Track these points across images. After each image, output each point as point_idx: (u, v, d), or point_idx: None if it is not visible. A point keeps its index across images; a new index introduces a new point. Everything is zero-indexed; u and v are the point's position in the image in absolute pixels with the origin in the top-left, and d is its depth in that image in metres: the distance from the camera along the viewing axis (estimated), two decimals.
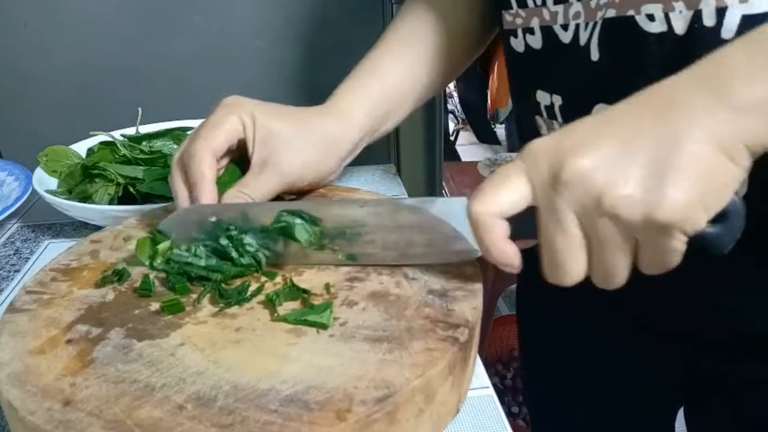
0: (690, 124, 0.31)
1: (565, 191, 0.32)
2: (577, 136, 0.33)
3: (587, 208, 0.32)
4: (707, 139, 0.31)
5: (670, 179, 0.30)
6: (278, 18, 0.98)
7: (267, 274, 0.44)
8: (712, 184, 0.31)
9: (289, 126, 0.52)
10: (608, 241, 0.33)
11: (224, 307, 0.40)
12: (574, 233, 0.33)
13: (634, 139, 0.32)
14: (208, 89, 1.00)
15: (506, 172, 0.35)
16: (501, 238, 0.36)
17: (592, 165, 0.32)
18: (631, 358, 0.61)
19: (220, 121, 0.50)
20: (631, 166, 0.31)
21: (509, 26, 0.52)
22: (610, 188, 0.31)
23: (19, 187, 0.72)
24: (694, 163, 0.30)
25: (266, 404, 0.31)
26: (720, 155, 0.31)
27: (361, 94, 0.57)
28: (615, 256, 0.33)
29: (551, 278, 0.35)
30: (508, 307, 2.06)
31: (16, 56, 0.95)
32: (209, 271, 0.42)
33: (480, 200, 0.35)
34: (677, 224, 0.31)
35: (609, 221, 0.32)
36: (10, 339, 0.38)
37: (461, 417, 0.40)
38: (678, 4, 0.38)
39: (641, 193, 0.31)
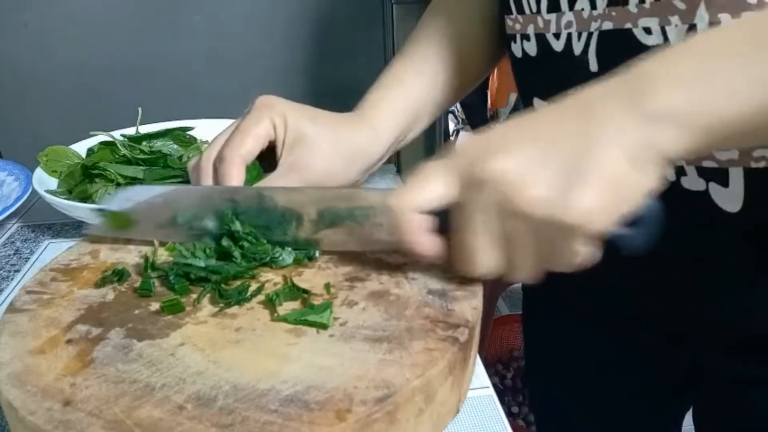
0: (602, 132, 0.32)
1: (480, 190, 0.34)
2: (497, 138, 0.35)
3: (498, 207, 0.33)
4: (616, 147, 0.32)
5: (579, 184, 0.32)
6: (278, 18, 0.98)
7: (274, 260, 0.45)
8: (619, 192, 0.32)
9: (320, 132, 0.51)
10: (517, 240, 0.34)
11: (224, 307, 0.40)
12: (484, 231, 0.35)
13: (550, 143, 0.33)
14: (208, 89, 1.00)
15: (429, 170, 0.37)
16: (416, 231, 0.37)
17: (506, 166, 0.33)
18: (633, 358, 0.61)
19: (252, 127, 0.50)
20: (543, 169, 0.32)
21: (510, 31, 0.53)
22: (521, 189, 0.32)
23: (19, 187, 0.72)
24: (601, 170, 0.32)
25: (266, 404, 0.31)
26: (628, 164, 0.32)
27: (390, 107, 0.57)
28: (523, 254, 0.35)
29: (460, 270, 0.38)
30: (508, 307, 2.06)
31: (16, 56, 0.95)
32: (209, 272, 0.42)
33: (399, 195, 0.37)
34: (580, 227, 0.32)
35: (518, 220, 0.33)
36: (10, 339, 0.38)
37: (461, 417, 0.40)
38: (674, 18, 0.39)
39: (550, 195, 0.32)
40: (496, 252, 0.36)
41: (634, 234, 0.34)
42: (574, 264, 0.34)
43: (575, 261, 0.34)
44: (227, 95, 0.99)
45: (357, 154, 0.54)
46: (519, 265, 0.36)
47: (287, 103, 0.52)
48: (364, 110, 0.56)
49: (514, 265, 0.36)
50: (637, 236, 0.34)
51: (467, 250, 0.36)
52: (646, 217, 0.34)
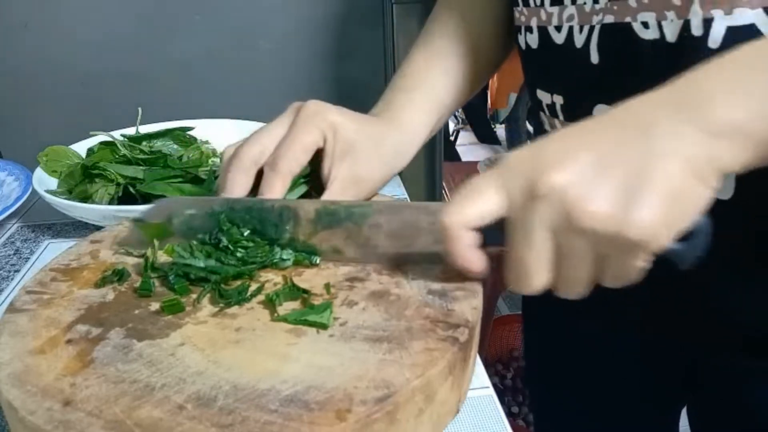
0: (665, 146, 0.32)
1: (539, 205, 0.33)
2: (554, 151, 0.34)
3: (558, 223, 0.33)
4: (679, 161, 0.31)
5: (642, 199, 0.31)
6: (279, 18, 0.98)
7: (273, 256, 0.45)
8: (680, 205, 0.32)
9: (367, 140, 0.51)
10: (575, 255, 0.34)
11: (224, 307, 0.40)
12: (542, 248, 0.34)
13: (610, 157, 0.32)
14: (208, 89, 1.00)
15: (480, 184, 0.36)
16: (467, 247, 0.37)
17: (566, 181, 0.32)
18: (632, 357, 0.61)
19: (304, 138, 0.48)
20: (604, 183, 0.32)
21: (517, 23, 0.54)
22: (582, 204, 0.32)
23: (19, 187, 0.72)
24: (664, 184, 0.31)
25: (266, 404, 0.31)
26: (690, 177, 0.31)
27: (420, 110, 0.57)
28: (580, 270, 0.34)
29: (514, 286, 0.37)
30: (508, 307, 2.06)
31: (16, 56, 0.95)
32: (208, 272, 0.42)
33: (452, 211, 0.36)
34: (644, 243, 0.31)
35: (578, 236, 0.33)
36: (10, 339, 0.38)
37: (461, 417, 0.40)
38: (669, 14, 0.40)
39: (612, 210, 0.31)
40: (549, 267, 0.35)
41: (688, 248, 0.33)
42: (630, 279, 0.34)
43: (632, 276, 0.33)
44: (227, 95, 0.99)
45: (395, 158, 0.54)
46: (572, 281, 0.35)
47: (336, 111, 0.50)
48: (398, 112, 0.55)
49: (567, 280, 0.35)
50: (691, 250, 0.34)
51: (522, 267, 0.35)
52: (699, 231, 0.33)
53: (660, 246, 0.32)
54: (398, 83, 0.58)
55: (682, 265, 0.34)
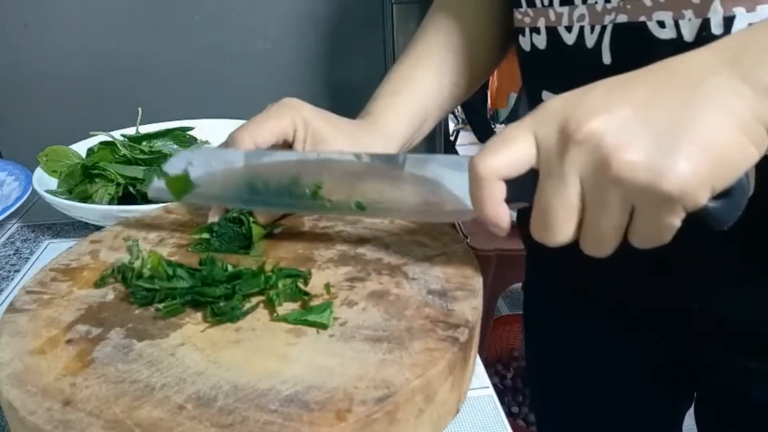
0: (713, 100, 0.30)
1: (574, 151, 0.32)
2: (594, 98, 0.32)
3: (593, 170, 0.31)
4: (727, 116, 0.30)
5: (682, 151, 0.30)
6: (279, 18, 0.98)
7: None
8: (723, 161, 0.30)
9: (340, 137, 0.52)
10: (607, 206, 0.32)
11: (218, 322, 0.39)
12: (572, 194, 0.33)
13: (652, 107, 0.31)
14: (208, 89, 1.00)
15: (514, 131, 0.34)
16: (497, 198, 0.35)
17: (604, 128, 0.31)
18: (634, 357, 0.61)
19: (270, 120, 0.50)
20: (644, 133, 0.30)
21: (519, 24, 0.53)
22: (620, 152, 0.30)
23: (19, 187, 0.72)
24: (709, 138, 0.30)
25: (266, 404, 0.31)
26: (738, 134, 0.30)
27: (400, 111, 0.57)
28: (610, 223, 0.32)
29: (538, 236, 0.35)
30: (508, 307, 2.06)
31: (17, 56, 0.95)
32: (195, 294, 0.40)
33: (484, 160, 0.35)
34: (680, 197, 0.30)
35: (612, 186, 0.31)
36: (10, 339, 0.38)
37: (461, 417, 0.40)
38: (687, 12, 0.39)
39: (650, 161, 0.30)
40: (577, 218, 0.33)
41: (724, 207, 0.32)
42: (663, 238, 0.32)
43: (666, 234, 0.32)
44: (227, 95, 0.99)
45: None
46: (600, 235, 0.33)
47: (309, 107, 0.52)
48: (376, 116, 0.56)
49: (598, 234, 0.33)
50: (727, 209, 0.32)
51: (551, 216, 0.33)
52: (735, 191, 0.31)
53: (697, 203, 0.30)
54: (382, 87, 0.59)
55: (717, 225, 0.32)
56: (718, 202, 0.32)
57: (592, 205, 0.32)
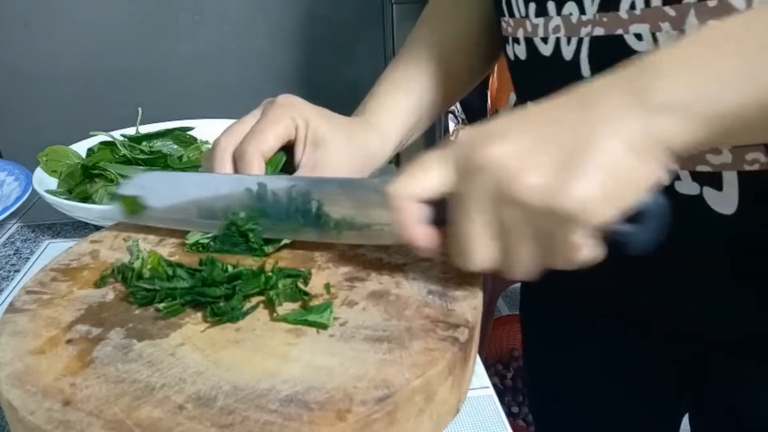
0: (604, 121, 0.32)
1: (476, 177, 0.33)
2: (497, 126, 0.34)
3: (494, 196, 0.33)
4: (619, 137, 0.31)
5: (577, 172, 0.31)
6: (279, 19, 0.98)
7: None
8: (619, 182, 0.31)
9: (339, 135, 0.52)
10: (513, 229, 0.33)
11: (218, 322, 0.39)
12: (478, 219, 0.34)
13: (549, 131, 0.32)
14: (208, 89, 1.00)
15: (429, 158, 0.36)
16: (412, 221, 0.37)
17: (503, 153, 0.32)
18: (631, 358, 0.61)
19: (273, 123, 0.50)
20: (541, 156, 0.32)
21: (505, 33, 0.53)
22: (517, 176, 0.32)
23: (19, 187, 0.72)
24: (602, 158, 0.31)
25: (266, 404, 0.31)
26: (629, 154, 0.31)
27: (395, 110, 0.58)
28: (520, 247, 0.34)
29: (458, 263, 0.36)
30: (508, 307, 2.06)
31: (17, 56, 0.95)
32: (195, 294, 0.40)
33: (398, 183, 0.36)
34: (577, 216, 0.31)
35: (514, 209, 0.32)
36: (10, 339, 0.38)
37: (461, 417, 0.40)
38: (664, 25, 0.39)
39: (546, 183, 0.31)
40: (492, 243, 0.35)
41: (639, 231, 0.33)
42: (575, 260, 0.33)
43: (576, 256, 0.33)
44: (227, 95, 0.99)
45: (368, 156, 0.55)
46: (516, 259, 0.34)
47: (308, 105, 0.52)
48: (370, 115, 0.57)
49: (512, 258, 0.34)
50: (642, 233, 0.33)
51: (463, 241, 0.35)
52: (651, 213, 0.33)
53: (596, 221, 0.31)
54: (378, 87, 0.59)
55: (633, 249, 0.33)
56: (632, 227, 0.33)
57: (501, 230, 0.34)
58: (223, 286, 0.40)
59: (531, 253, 0.34)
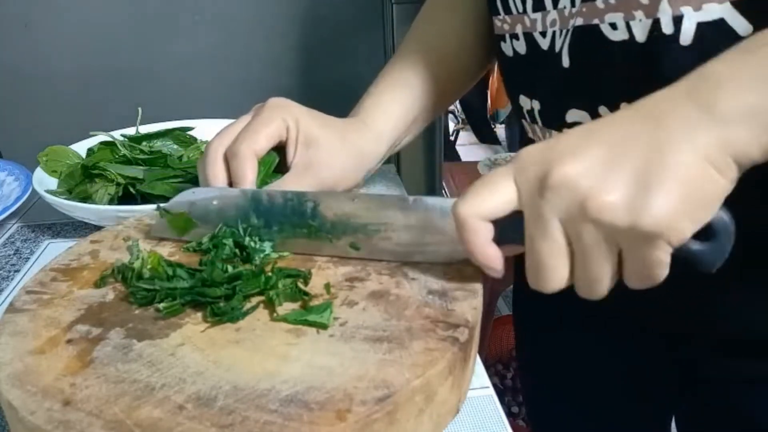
0: (677, 135, 0.31)
1: (551, 197, 0.32)
2: (566, 144, 0.33)
3: (572, 215, 0.32)
4: (694, 150, 0.31)
5: (656, 188, 0.30)
6: (278, 18, 0.98)
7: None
8: (698, 195, 0.31)
9: (331, 135, 0.53)
10: (592, 248, 0.33)
11: (218, 322, 0.39)
12: (557, 240, 0.33)
13: (622, 147, 0.32)
14: (208, 89, 1.00)
15: (495, 177, 0.36)
16: (485, 240, 0.36)
17: (578, 171, 0.32)
18: (626, 357, 0.61)
19: (265, 124, 0.50)
20: (617, 173, 0.31)
21: (498, 31, 0.53)
22: (596, 194, 0.31)
23: (19, 187, 0.72)
24: (680, 173, 0.31)
25: (266, 404, 0.31)
26: (706, 166, 0.31)
27: (389, 111, 0.58)
28: (598, 265, 0.33)
29: (534, 284, 0.35)
30: (508, 307, 2.06)
31: (17, 56, 0.95)
32: (195, 294, 0.40)
33: (466, 202, 0.36)
34: (661, 233, 0.31)
35: (593, 228, 0.32)
36: (10, 339, 0.38)
37: (461, 417, 0.40)
38: (638, 13, 0.39)
39: (626, 201, 0.31)
40: (567, 262, 0.34)
41: (709, 248, 0.32)
42: (654, 278, 0.32)
43: (656, 273, 0.32)
44: (227, 95, 0.99)
45: (362, 156, 0.55)
46: (594, 278, 0.33)
47: (299, 106, 0.53)
48: (365, 115, 0.57)
49: (588, 277, 0.34)
50: (712, 251, 0.32)
51: (541, 261, 0.34)
52: (721, 230, 0.32)
53: (679, 238, 0.31)
54: (373, 87, 0.59)
55: (705, 267, 0.33)
56: (704, 244, 0.32)
57: (578, 249, 0.33)
58: (223, 286, 0.40)
59: (608, 272, 0.33)
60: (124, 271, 0.43)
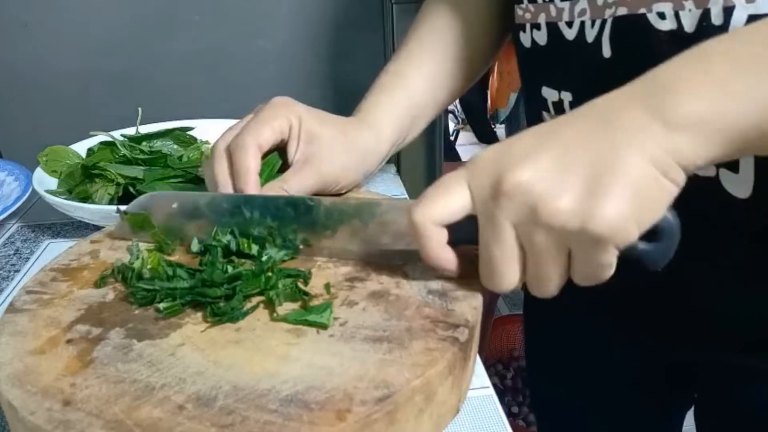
0: (627, 140, 0.32)
1: (504, 202, 0.33)
2: (519, 149, 0.34)
3: (524, 219, 0.33)
4: (642, 155, 0.31)
5: (605, 193, 0.31)
6: (278, 18, 0.98)
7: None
8: (644, 199, 0.31)
9: (332, 132, 0.53)
10: (543, 251, 0.33)
11: (218, 322, 0.39)
12: (510, 243, 0.34)
13: (573, 153, 0.32)
14: (208, 89, 1.00)
15: (449, 182, 0.36)
16: (438, 245, 0.37)
17: (530, 177, 0.32)
18: (634, 355, 0.61)
19: (269, 119, 0.51)
20: (568, 179, 0.32)
21: (519, 20, 0.53)
22: (547, 200, 0.32)
23: (19, 187, 0.72)
24: (628, 177, 0.31)
25: (266, 404, 0.31)
26: (654, 171, 0.31)
27: (391, 109, 0.58)
28: (548, 267, 0.34)
29: (487, 285, 0.37)
30: (508, 307, 2.06)
31: (16, 56, 0.95)
32: (195, 294, 0.40)
33: (420, 208, 0.36)
34: (609, 237, 0.31)
35: (544, 232, 0.33)
36: (10, 339, 0.38)
37: (461, 417, 0.40)
38: (688, 3, 0.39)
39: (576, 206, 0.31)
40: (519, 265, 0.35)
41: (654, 249, 0.33)
42: (601, 278, 0.33)
43: (603, 274, 0.33)
44: (227, 95, 0.99)
45: (363, 154, 0.55)
46: (545, 278, 0.35)
47: (301, 105, 0.53)
48: (366, 114, 0.57)
49: (539, 277, 0.35)
50: (657, 251, 0.33)
51: (493, 264, 0.35)
52: (666, 231, 0.33)
53: (626, 241, 0.32)
54: (375, 85, 0.60)
55: (651, 266, 0.34)
56: (650, 245, 0.33)
57: (530, 252, 0.34)
58: (223, 286, 0.40)
59: (558, 272, 0.34)
60: (124, 271, 0.44)
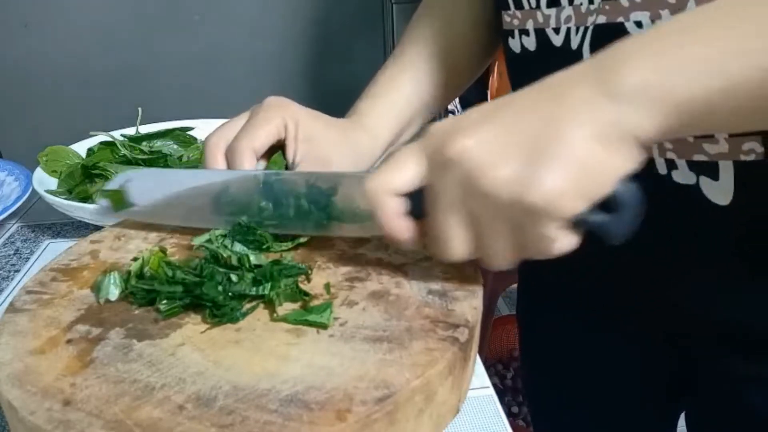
0: (571, 112, 0.32)
1: (445, 170, 0.33)
2: (470, 119, 0.34)
3: (465, 187, 0.33)
4: (585, 128, 0.31)
5: (545, 164, 0.31)
6: (278, 19, 0.98)
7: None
8: (587, 173, 0.31)
9: (329, 134, 0.53)
10: (485, 222, 0.33)
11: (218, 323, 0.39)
12: (455, 212, 0.34)
13: (518, 123, 0.33)
14: (208, 89, 1.00)
15: (404, 152, 0.37)
16: (392, 214, 0.37)
17: (472, 144, 0.32)
18: (628, 355, 0.61)
19: (264, 122, 0.51)
20: (511, 149, 0.32)
21: (507, 27, 0.53)
22: (486, 168, 0.32)
23: (19, 187, 0.72)
24: (569, 150, 0.31)
25: (266, 404, 0.31)
26: (597, 145, 0.31)
27: (386, 112, 0.58)
28: (493, 239, 0.34)
29: (434, 254, 0.37)
30: (508, 307, 2.06)
31: (16, 56, 0.95)
32: (194, 297, 0.40)
33: (376, 178, 0.37)
34: (545, 209, 0.31)
35: (483, 202, 0.33)
36: (10, 339, 0.38)
37: (461, 417, 0.40)
38: (664, 12, 0.39)
39: (515, 176, 0.31)
40: (466, 234, 0.35)
41: (613, 220, 0.32)
42: (548, 251, 0.33)
43: (548, 247, 0.33)
44: (227, 95, 0.99)
45: (359, 157, 0.55)
46: (491, 250, 0.35)
47: (297, 105, 0.53)
48: (361, 116, 0.57)
49: (487, 249, 0.35)
50: (617, 223, 0.33)
51: (438, 233, 0.35)
52: (625, 203, 0.32)
53: (567, 214, 0.31)
54: (370, 89, 0.60)
55: (611, 239, 0.33)
56: (607, 216, 0.32)
57: (473, 222, 0.34)
58: (221, 297, 0.40)
59: (504, 244, 0.34)
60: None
